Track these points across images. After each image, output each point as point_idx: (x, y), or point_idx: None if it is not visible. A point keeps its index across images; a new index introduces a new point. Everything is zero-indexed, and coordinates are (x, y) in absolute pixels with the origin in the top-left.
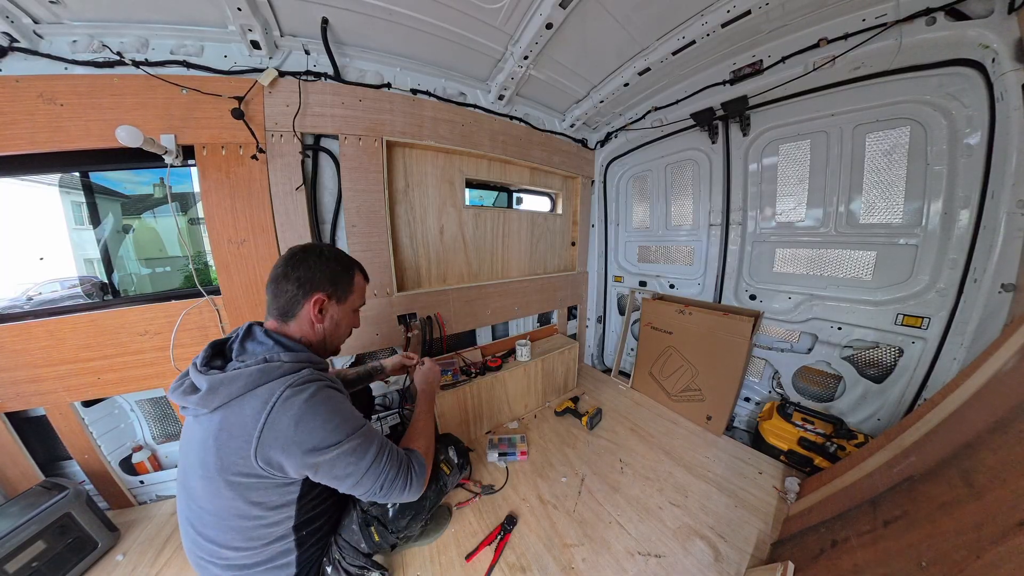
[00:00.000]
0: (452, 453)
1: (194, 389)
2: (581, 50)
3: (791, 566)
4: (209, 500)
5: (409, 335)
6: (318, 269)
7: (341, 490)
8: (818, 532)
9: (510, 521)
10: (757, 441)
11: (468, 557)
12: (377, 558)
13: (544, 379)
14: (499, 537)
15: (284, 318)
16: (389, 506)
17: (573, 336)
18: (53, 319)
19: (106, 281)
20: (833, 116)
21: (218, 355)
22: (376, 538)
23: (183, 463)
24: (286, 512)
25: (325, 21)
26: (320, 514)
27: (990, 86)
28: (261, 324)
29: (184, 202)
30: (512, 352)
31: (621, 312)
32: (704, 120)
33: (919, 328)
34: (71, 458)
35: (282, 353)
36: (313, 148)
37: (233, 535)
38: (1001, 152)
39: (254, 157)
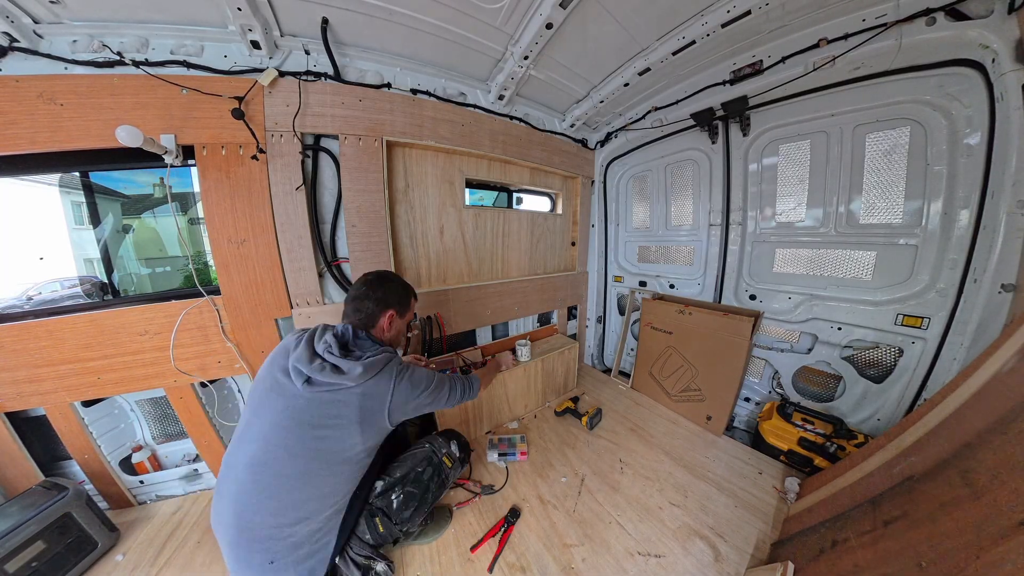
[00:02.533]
0: (454, 447)
1: (338, 371)
2: (581, 50)
3: (791, 566)
4: (310, 459)
5: (409, 335)
6: (391, 292)
7: (442, 405)
8: (818, 532)
9: (513, 514)
10: (757, 441)
11: (473, 548)
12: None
13: (544, 379)
14: (503, 529)
15: (365, 326)
16: (393, 497)
17: (573, 336)
18: (53, 319)
19: (106, 281)
20: (833, 116)
21: (343, 348)
22: (380, 529)
23: (280, 424)
24: (352, 482)
25: (325, 21)
26: (358, 494)
27: (990, 86)
28: (349, 325)
29: (184, 202)
30: (512, 352)
31: (621, 312)
32: (704, 120)
33: (919, 328)
34: (71, 458)
35: (385, 349)
36: (313, 148)
37: (309, 495)
38: (1001, 152)
39: (254, 157)
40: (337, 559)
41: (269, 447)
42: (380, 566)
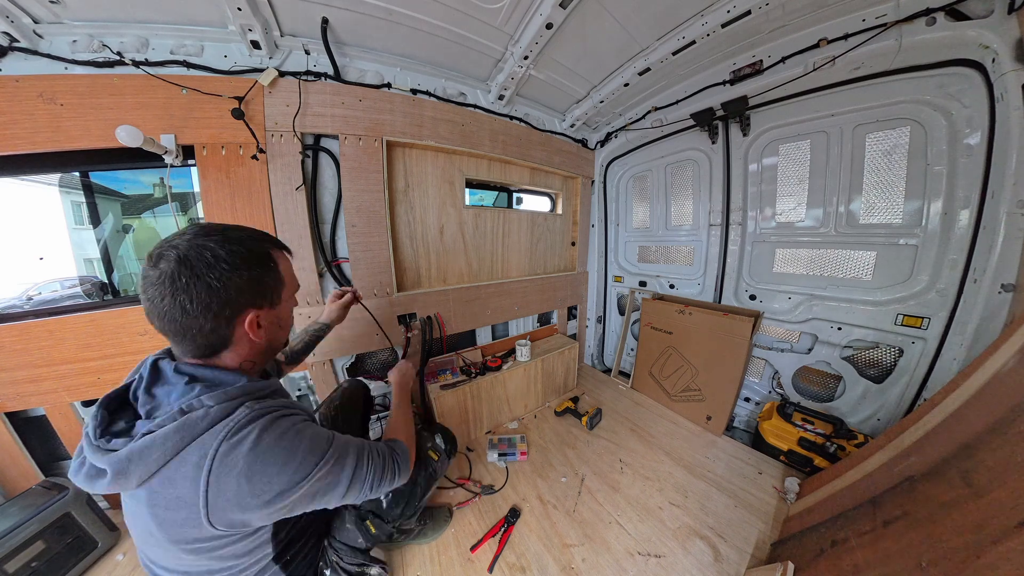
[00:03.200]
0: (439, 440)
1: (98, 472)
2: (581, 50)
3: (791, 566)
4: (172, 563)
5: (409, 335)
6: (230, 284)
7: (330, 507)
8: (818, 532)
9: (513, 514)
10: (757, 441)
11: (473, 548)
12: (375, 553)
13: (544, 379)
14: (503, 529)
15: (211, 356)
16: (383, 498)
17: (573, 336)
18: (53, 319)
19: (106, 281)
20: (833, 116)
21: (118, 412)
22: (373, 530)
23: (131, 530)
24: (262, 552)
25: (325, 21)
26: (299, 535)
27: (990, 86)
28: (169, 357)
29: (184, 202)
30: (512, 352)
31: (621, 312)
32: (704, 120)
33: (919, 328)
34: (71, 458)
35: (204, 396)
36: (313, 148)
37: None
38: (1001, 152)
39: (254, 157)
40: (328, 572)
41: (142, 544)
42: (374, 570)
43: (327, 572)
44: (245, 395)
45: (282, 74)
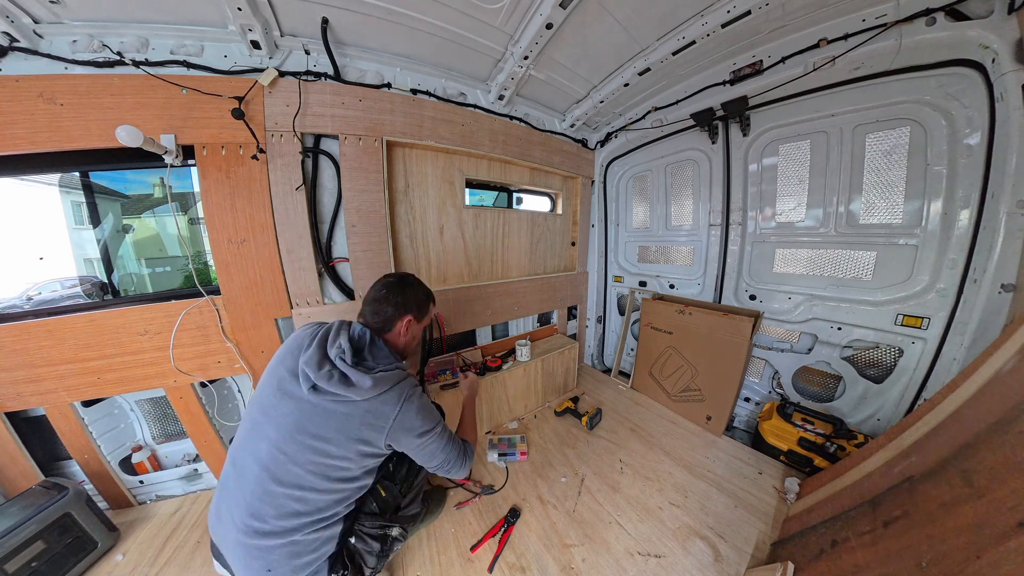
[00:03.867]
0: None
1: (347, 381)
2: (581, 50)
3: (791, 566)
4: (317, 463)
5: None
6: (411, 297)
7: (420, 462)
8: (818, 532)
9: (513, 514)
10: (757, 441)
11: (473, 548)
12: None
13: (544, 379)
14: (503, 529)
15: (380, 331)
16: (389, 464)
17: (573, 336)
18: (53, 319)
19: (106, 281)
20: (833, 116)
21: (355, 354)
22: (383, 493)
23: (287, 428)
24: (365, 481)
25: (325, 21)
26: (369, 492)
27: (990, 86)
28: (366, 328)
29: (184, 202)
30: (512, 352)
31: (621, 312)
32: (704, 120)
33: (919, 328)
34: (71, 458)
35: (397, 362)
36: (313, 151)
37: (320, 496)
38: (1001, 152)
39: (254, 157)
40: (352, 539)
41: (273, 451)
42: (395, 530)
43: (352, 540)
44: (407, 372)
45: (282, 74)
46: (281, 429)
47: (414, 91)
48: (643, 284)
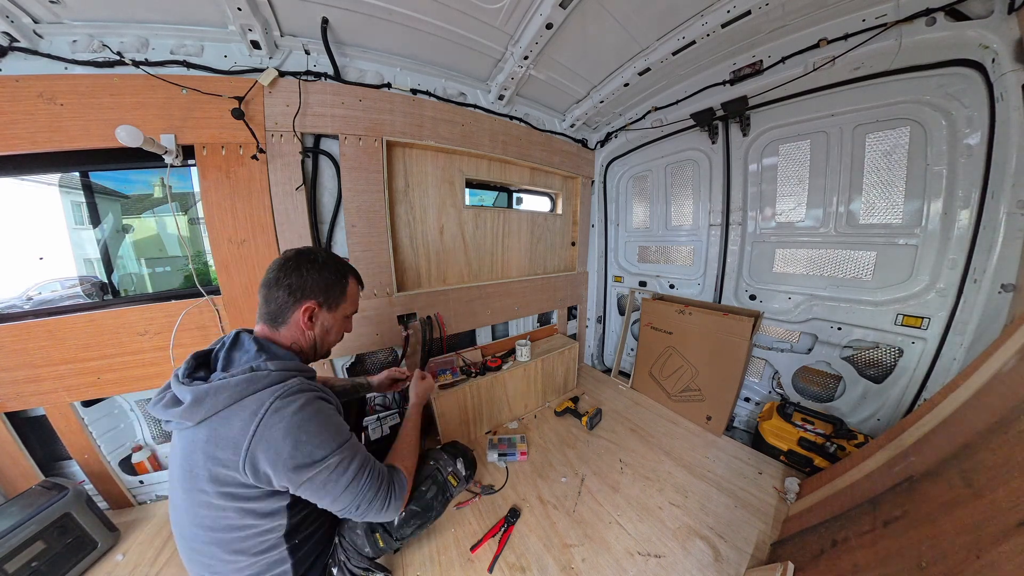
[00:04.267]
0: (460, 465)
1: (176, 402)
2: (581, 50)
3: (791, 566)
4: (196, 514)
5: (407, 333)
6: (311, 276)
7: (320, 505)
8: (818, 532)
9: (513, 514)
10: (757, 441)
11: (473, 548)
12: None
13: (544, 379)
14: (503, 529)
15: (274, 324)
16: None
17: (573, 336)
18: (53, 319)
19: (106, 281)
20: (833, 116)
21: (202, 366)
22: (380, 544)
23: (171, 477)
24: (277, 520)
25: (325, 21)
26: (311, 520)
27: (990, 86)
28: (250, 331)
29: (184, 202)
30: (512, 352)
31: (621, 312)
32: (704, 120)
33: (919, 328)
34: (71, 458)
35: (269, 362)
36: (313, 151)
37: (223, 547)
38: (1001, 152)
39: (254, 157)
40: (335, 570)
41: (171, 506)
42: (379, 574)
43: (335, 571)
44: (298, 371)
45: (282, 74)
46: (173, 482)
47: (414, 91)
48: (643, 284)
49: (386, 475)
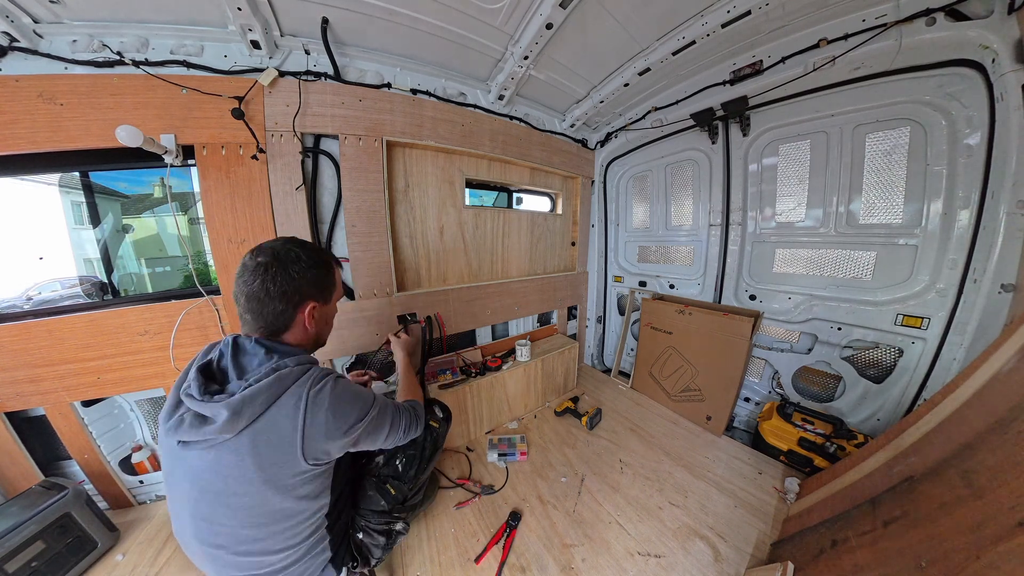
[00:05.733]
0: (437, 410)
1: (202, 420)
2: (581, 50)
3: (791, 566)
4: (247, 518)
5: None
6: (303, 277)
7: (377, 447)
8: (818, 532)
9: (514, 517)
10: (757, 441)
11: (477, 560)
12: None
13: (544, 379)
14: (506, 535)
15: (275, 334)
16: (397, 463)
17: (573, 336)
18: (53, 319)
19: (106, 281)
20: (833, 116)
21: (209, 379)
22: (393, 492)
23: (191, 496)
24: (323, 499)
25: (325, 21)
26: (339, 501)
27: (990, 86)
28: (247, 336)
29: (184, 202)
30: (512, 352)
31: (621, 312)
32: (704, 120)
33: (919, 328)
34: (71, 458)
35: (287, 359)
36: (313, 151)
37: (276, 539)
38: (1001, 152)
39: (254, 157)
40: (360, 535)
41: (197, 524)
42: (399, 525)
43: (359, 535)
44: (311, 362)
45: (282, 74)
46: (189, 501)
47: (414, 91)
48: (643, 284)
49: (408, 408)
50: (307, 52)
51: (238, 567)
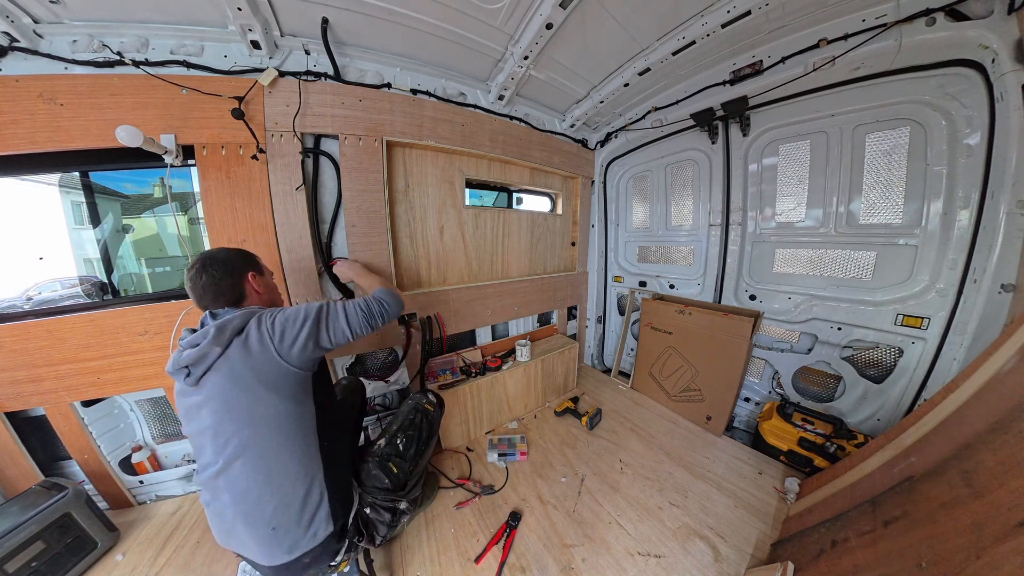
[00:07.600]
0: (431, 396)
1: (197, 346)
2: (581, 50)
3: (791, 566)
4: (252, 425)
5: (412, 330)
6: (229, 259)
7: (346, 333)
8: (818, 532)
9: (514, 518)
10: (757, 441)
11: (477, 560)
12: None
13: (544, 379)
14: (505, 535)
15: (236, 302)
16: (398, 442)
17: (573, 336)
18: (53, 319)
19: (106, 281)
20: (833, 116)
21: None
22: (395, 470)
23: (213, 429)
24: (308, 405)
25: (325, 21)
26: (334, 428)
27: (990, 86)
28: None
29: (184, 202)
30: (512, 352)
31: (621, 312)
32: (704, 120)
33: (919, 328)
34: (71, 458)
35: (252, 307)
36: (313, 151)
37: (283, 454)
38: (1001, 152)
39: (254, 157)
40: (368, 510)
41: (222, 454)
42: (403, 504)
43: (367, 510)
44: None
45: (282, 74)
46: (209, 431)
47: (414, 91)
48: (643, 284)
49: (369, 298)
50: (307, 52)
51: (272, 525)
